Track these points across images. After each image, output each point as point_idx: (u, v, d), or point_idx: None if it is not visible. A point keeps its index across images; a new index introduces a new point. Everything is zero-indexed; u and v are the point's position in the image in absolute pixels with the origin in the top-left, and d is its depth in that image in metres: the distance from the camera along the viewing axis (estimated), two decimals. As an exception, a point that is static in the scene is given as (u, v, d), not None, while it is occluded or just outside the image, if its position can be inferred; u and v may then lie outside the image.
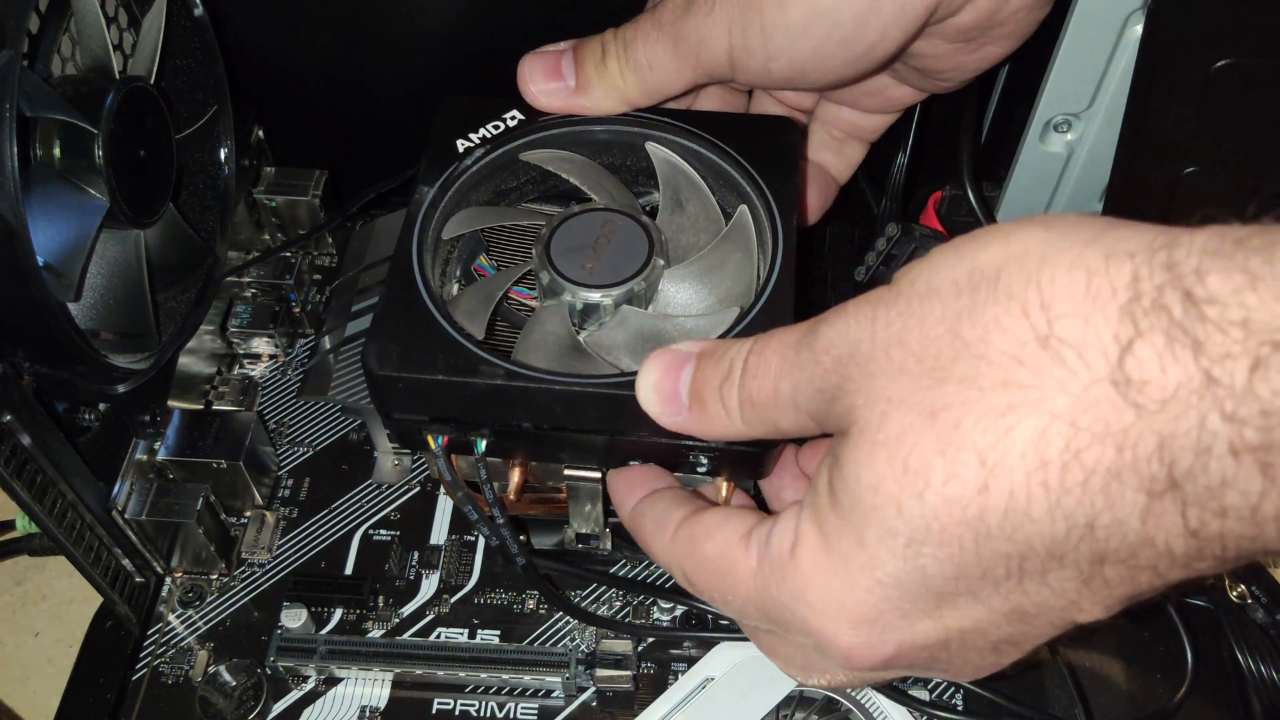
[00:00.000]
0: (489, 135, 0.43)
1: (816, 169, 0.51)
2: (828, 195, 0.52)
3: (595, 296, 0.39)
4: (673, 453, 0.38)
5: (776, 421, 0.31)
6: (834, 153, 0.51)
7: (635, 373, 0.36)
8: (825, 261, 0.61)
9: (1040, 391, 0.23)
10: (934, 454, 0.25)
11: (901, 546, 0.26)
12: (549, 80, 0.43)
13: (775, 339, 0.30)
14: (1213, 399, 0.21)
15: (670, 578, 0.51)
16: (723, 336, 0.37)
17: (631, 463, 0.40)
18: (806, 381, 0.29)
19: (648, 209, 0.44)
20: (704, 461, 0.38)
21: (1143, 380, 0.22)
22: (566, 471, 0.42)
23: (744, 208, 0.42)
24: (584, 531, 0.46)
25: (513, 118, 0.44)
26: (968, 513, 0.25)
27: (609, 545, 0.47)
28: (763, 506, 0.41)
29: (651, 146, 0.44)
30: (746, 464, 0.39)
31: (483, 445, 0.39)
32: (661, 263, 0.40)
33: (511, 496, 0.42)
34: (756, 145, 0.43)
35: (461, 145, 0.43)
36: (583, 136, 0.44)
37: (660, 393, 0.33)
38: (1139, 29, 0.46)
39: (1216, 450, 0.22)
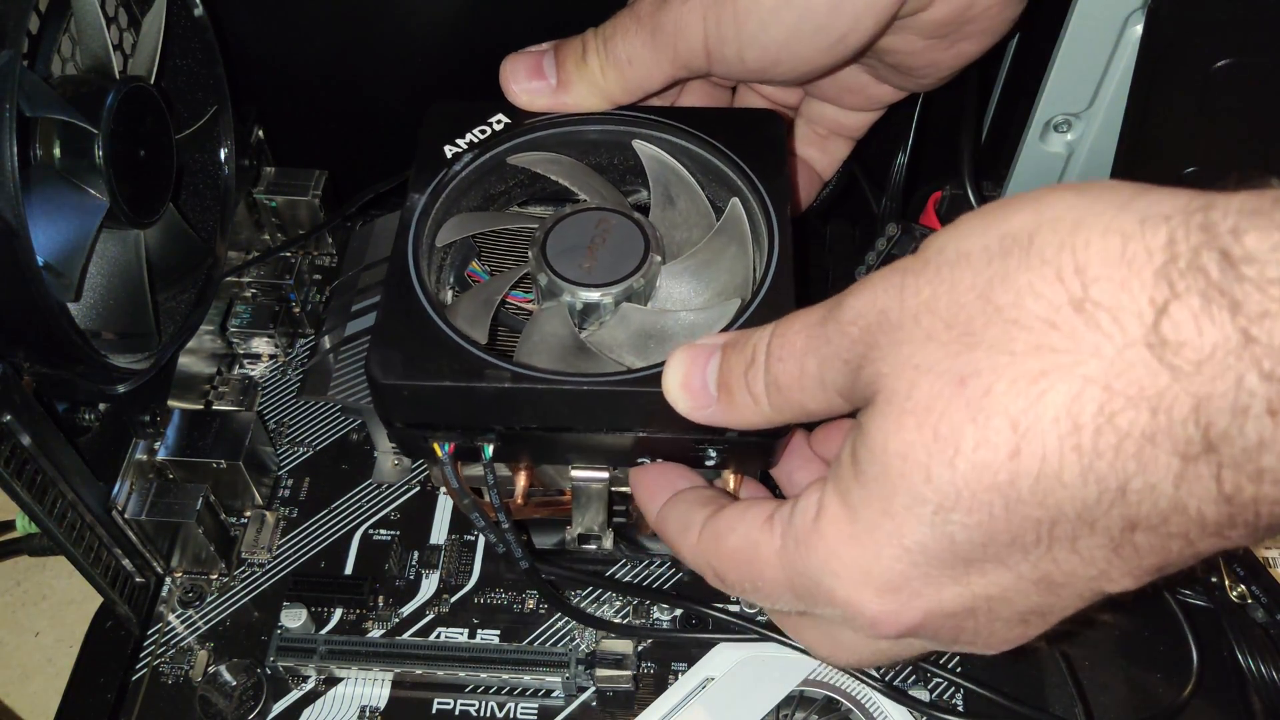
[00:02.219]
0: (476, 140, 0.43)
1: (801, 164, 0.51)
2: (811, 190, 0.52)
3: (595, 296, 0.39)
4: (681, 447, 0.38)
5: (804, 403, 0.30)
6: (818, 149, 0.51)
7: (643, 369, 0.36)
8: (825, 261, 0.61)
9: (1074, 355, 0.23)
10: (965, 420, 0.25)
11: (930, 514, 0.26)
12: (531, 79, 0.43)
13: (798, 319, 0.30)
14: (1251, 358, 0.21)
15: (669, 579, 0.52)
16: (726, 329, 0.37)
17: (642, 460, 0.40)
18: (833, 355, 0.28)
19: (637, 207, 0.44)
20: (713, 455, 0.38)
21: (1179, 342, 0.22)
22: (573, 473, 0.42)
23: (736, 200, 0.42)
24: (585, 533, 0.46)
25: (498, 121, 0.44)
26: (998, 478, 0.24)
27: (610, 544, 0.47)
28: (777, 495, 0.41)
29: (639, 144, 0.44)
30: (755, 454, 0.39)
31: (490, 450, 0.39)
32: (659, 259, 0.40)
33: (519, 501, 0.42)
34: (743, 138, 0.43)
35: (449, 151, 0.43)
36: (569, 137, 0.44)
37: (688, 388, 0.33)
38: (1139, 29, 0.46)
39: (1254, 411, 0.21)
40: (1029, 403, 0.24)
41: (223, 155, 0.55)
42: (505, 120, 0.44)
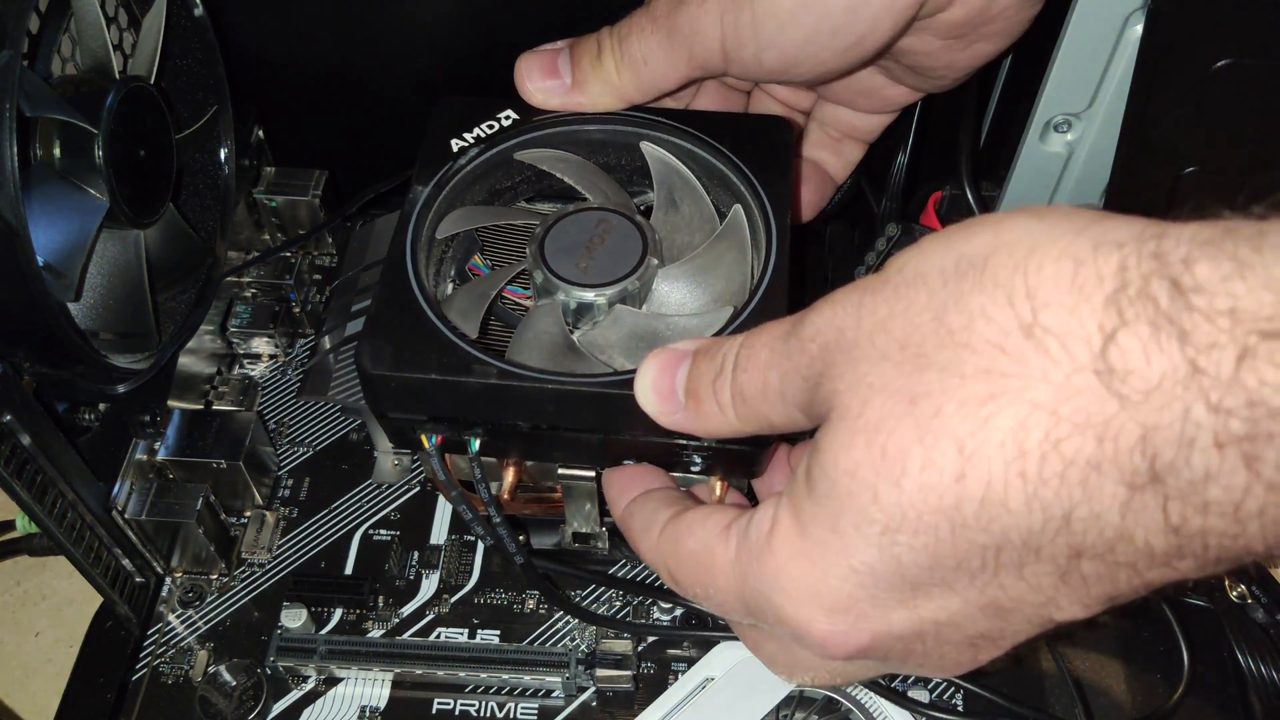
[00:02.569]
0: (483, 135, 0.43)
1: (813, 167, 0.51)
2: (824, 193, 0.52)
3: (589, 296, 0.39)
4: (667, 452, 0.38)
5: (767, 415, 0.30)
6: (831, 151, 0.51)
7: (629, 372, 0.36)
8: (825, 261, 0.61)
9: (1022, 380, 0.23)
10: (912, 441, 0.25)
11: (877, 534, 0.26)
12: (546, 78, 0.43)
13: (765, 332, 0.30)
14: (1198, 389, 0.21)
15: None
16: (716, 335, 0.37)
17: (626, 462, 0.40)
18: (793, 370, 0.28)
19: (642, 208, 0.44)
20: (698, 461, 0.38)
21: (1126, 370, 0.22)
22: (560, 471, 0.42)
23: (738, 207, 0.42)
24: (581, 531, 0.46)
25: (507, 117, 0.44)
26: (944, 501, 0.24)
27: (606, 544, 0.47)
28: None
29: (646, 146, 0.44)
30: (740, 463, 0.39)
31: (476, 445, 0.39)
32: (655, 262, 0.40)
33: (506, 496, 0.42)
34: (751, 144, 0.43)
35: (456, 145, 0.43)
36: (577, 136, 0.44)
37: (658, 391, 0.33)
38: (1139, 29, 0.46)
39: (1200, 442, 0.21)
40: (975, 426, 0.24)
41: (223, 155, 0.55)
42: (514, 116, 0.44)
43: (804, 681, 0.35)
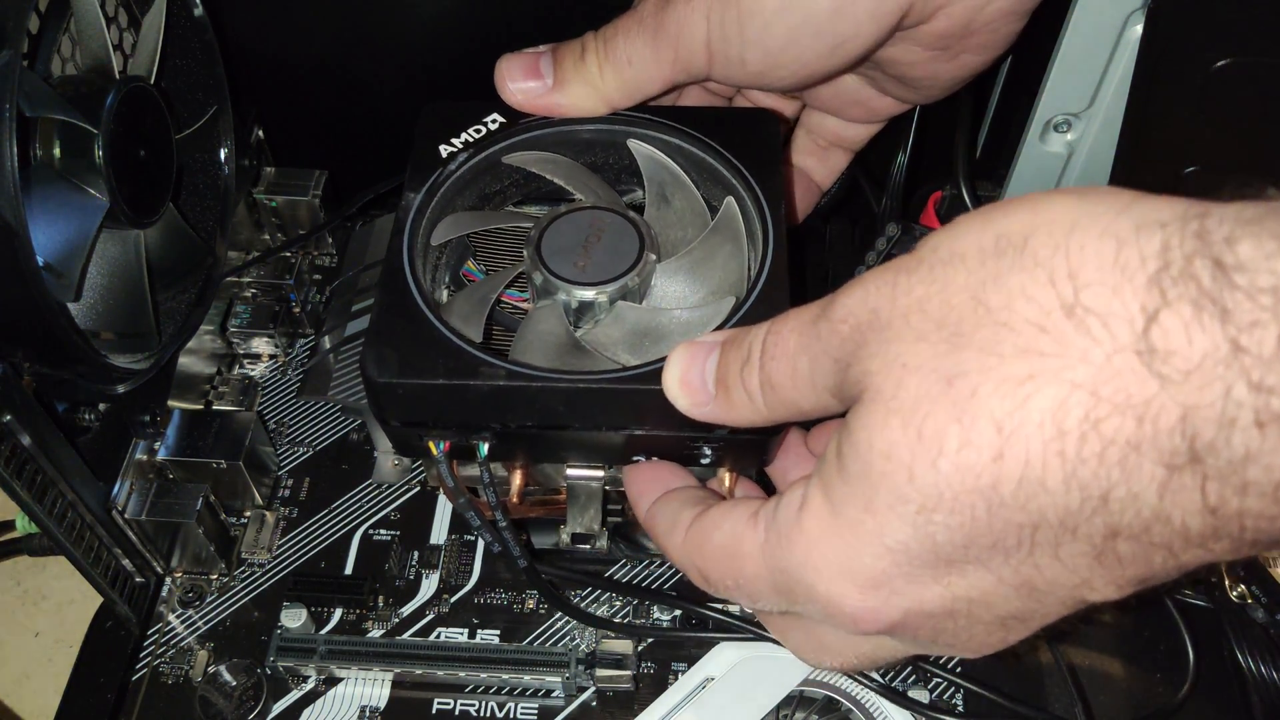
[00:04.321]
0: (471, 139, 0.43)
1: (799, 174, 0.51)
2: (809, 200, 0.52)
3: (590, 294, 0.39)
4: (677, 445, 0.38)
5: (796, 401, 0.30)
6: (817, 159, 0.52)
7: (639, 367, 0.36)
8: (826, 260, 0.61)
9: (1062, 360, 0.23)
10: (949, 421, 0.24)
11: (912, 513, 0.26)
12: (527, 78, 0.43)
13: (793, 317, 0.30)
14: (1239, 368, 0.21)
15: (669, 580, 0.52)
16: (720, 327, 0.37)
17: (637, 458, 0.40)
18: (823, 353, 0.28)
19: (632, 206, 0.44)
20: (708, 453, 0.38)
21: (1168, 350, 0.22)
22: (569, 471, 0.42)
23: (730, 199, 0.42)
24: (580, 532, 0.46)
25: (494, 121, 0.43)
26: (981, 481, 0.24)
27: (605, 544, 0.47)
28: (771, 494, 0.41)
29: (634, 144, 0.44)
30: (750, 452, 0.39)
31: (485, 449, 0.39)
32: (653, 257, 0.41)
33: (514, 499, 0.42)
34: (738, 137, 0.43)
35: (445, 150, 0.43)
36: (565, 137, 0.44)
37: (686, 384, 0.33)
38: (1139, 29, 0.46)
39: (1241, 422, 0.21)
40: (1014, 405, 0.24)
41: (223, 155, 0.55)
42: (501, 120, 0.44)
43: (831, 666, 0.36)
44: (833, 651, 0.34)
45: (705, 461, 0.39)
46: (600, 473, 0.42)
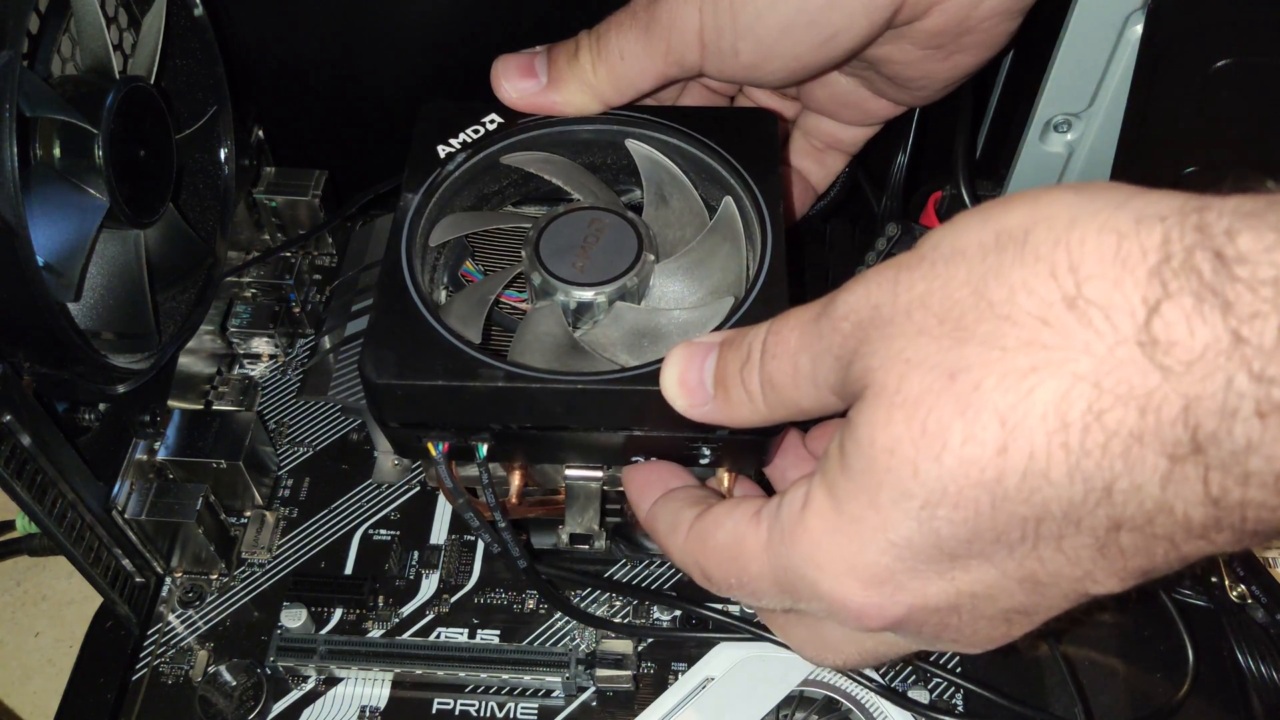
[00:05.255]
0: (469, 140, 0.43)
1: (796, 176, 0.51)
2: (805, 201, 0.52)
3: (589, 295, 0.39)
4: (676, 446, 0.38)
5: (798, 401, 0.30)
6: (814, 161, 0.52)
7: (638, 368, 0.36)
8: (826, 259, 0.61)
9: (1065, 353, 0.23)
10: (953, 415, 0.25)
11: (916, 509, 0.26)
12: (522, 78, 0.43)
13: (793, 316, 0.30)
14: (1241, 359, 0.21)
15: (669, 580, 0.52)
16: (719, 327, 0.37)
17: (636, 459, 0.40)
18: (824, 351, 0.28)
19: (630, 206, 0.44)
20: (706, 453, 0.38)
21: (1170, 342, 0.22)
22: (568, 472, 0.42)
23: (729, 199, 0.42)
24: (579, 533, 0.46)
25: (491, 121, 0.44)
26: (985, 475, 0.24)
27: (603, 544, 0.47)
28: (770, 494, 0.41)
29: (631, 144, 0.44)
30: (749, 452, 0.39)
31: (484, 449, 0.39)
32: (652, 258, 0.41)
33: (513, 500, 0.42)
34: (736, 137, 0.43)
35: (443, 151, 0.43)
36: (563, 137, 0.44)
37: (685, 384, 0.33)
38: (1139, 29, 0.46)
39: (1243, 413, 0.21)
40: (1018, 399, 0.24)
41: (223, 155, 0.55)
42: (498, 120, 0.44)
43: (833, 663, 0.36)
44: (836, 648, 0.34)
45: (704, 462, 0.39)
46: (599, 473, 0.42)
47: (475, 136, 0.43)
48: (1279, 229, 0.21)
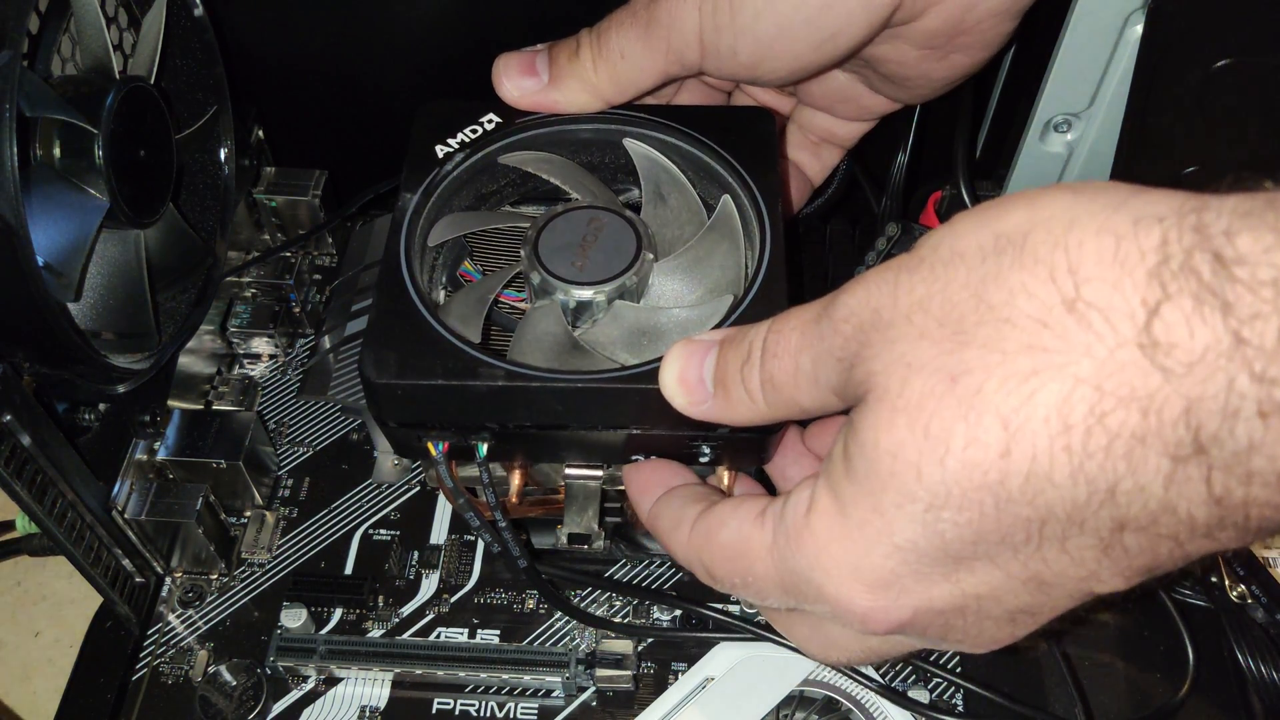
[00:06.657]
0: (467, 140, 0.43)
1: (792, 168, 0.52)
2: (801, 194, 0.52)
3: (588, 294, 0.39)
4: (676, 444, 0.38)
5: (798, 400, 0.30)
6: (810, 154, 0.52)
7: (637, 366, 0.36)
8: (826, 259, 0.61)
9: (1065, 355, 0.23)
10: (955, 419, 0.25)
11: (920, 512, 0.26)
12: (523, 76, 0.43)
13: (794, 315, 0.30)
14: (1242, 360, 0.21)
15: (669, 580, 0.52)
16: (718, 326, 0.37)
17: (636, 457, 0.40)
18: (826, 352, 0.28)
19: (629, 205, 0.44)
20: (706, 451, 0.38)
21: (1170, 343, 0.22)
22: (567, 471, 0.42)
23: (727, 197, 0.42)
24: (578, 532, 0.46)
25: (490, 121, 0.44)
26: (989, 477, 0.24)
27: (602, 544, 0.47)
28: (771, 492, 0.41)
29: (629, 143, 0.44)
30: (749, 450, 0.39)
31: (484, 449, 0.39)
32: (651, 256, 0.41)
33: (513, 499, 0.42)
34: (734, 136, 0.43)
35: (441, 151, 0.43)
36: (560, 136, 0.44)
37: (685, 382, 0.33)
38: (1139, 29, 0.46)
39: (1244, 413, 0.21)
40: (1020, 401, 0.24)
41: (223, 155, 0.55)
42: (496, 119, 0.44)
43: (837, 662, 0.36)
44: (840, 648, 0.34)
45: (704, 460, 0.39)
46: (599, 472, 0.42)
47: (473, 136, 0.43)
48: (1277, 230, 0.21)
